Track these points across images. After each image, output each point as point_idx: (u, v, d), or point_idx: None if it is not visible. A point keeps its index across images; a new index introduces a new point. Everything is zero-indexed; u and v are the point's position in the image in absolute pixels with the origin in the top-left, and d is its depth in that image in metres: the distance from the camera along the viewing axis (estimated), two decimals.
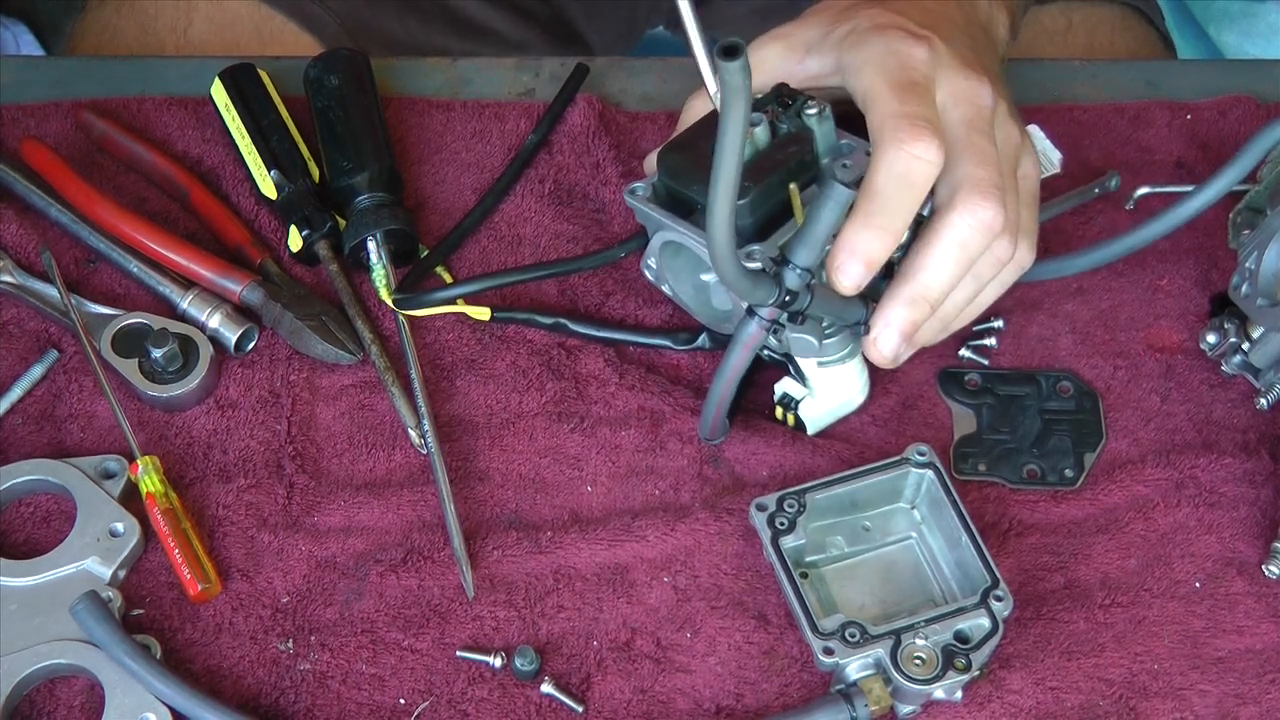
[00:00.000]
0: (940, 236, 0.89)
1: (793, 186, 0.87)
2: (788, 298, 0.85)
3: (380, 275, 1.00)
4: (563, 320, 0.99)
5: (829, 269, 0.87)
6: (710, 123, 0.92)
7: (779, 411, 0.96)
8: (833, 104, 0.91)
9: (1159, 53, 1.33)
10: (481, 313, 1.00)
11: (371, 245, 1.01)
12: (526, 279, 1.01)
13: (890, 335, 0.90)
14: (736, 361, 0.89)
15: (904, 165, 0.86)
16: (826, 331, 0.91)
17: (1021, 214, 0.93)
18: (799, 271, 0.84)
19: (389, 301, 1.00)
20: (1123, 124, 1.11)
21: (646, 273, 0.96)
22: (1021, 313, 1.03)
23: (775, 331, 0.88)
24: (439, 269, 1.03)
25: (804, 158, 0.89)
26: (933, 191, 0.89)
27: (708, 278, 0.96)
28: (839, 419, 0.98)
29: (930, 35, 0.91)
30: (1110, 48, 1.29)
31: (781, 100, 0.91)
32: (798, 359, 0.93)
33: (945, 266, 0.89)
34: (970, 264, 0.90)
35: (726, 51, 0.71)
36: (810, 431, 0.96)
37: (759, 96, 0.92)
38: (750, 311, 0.86)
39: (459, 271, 1.04)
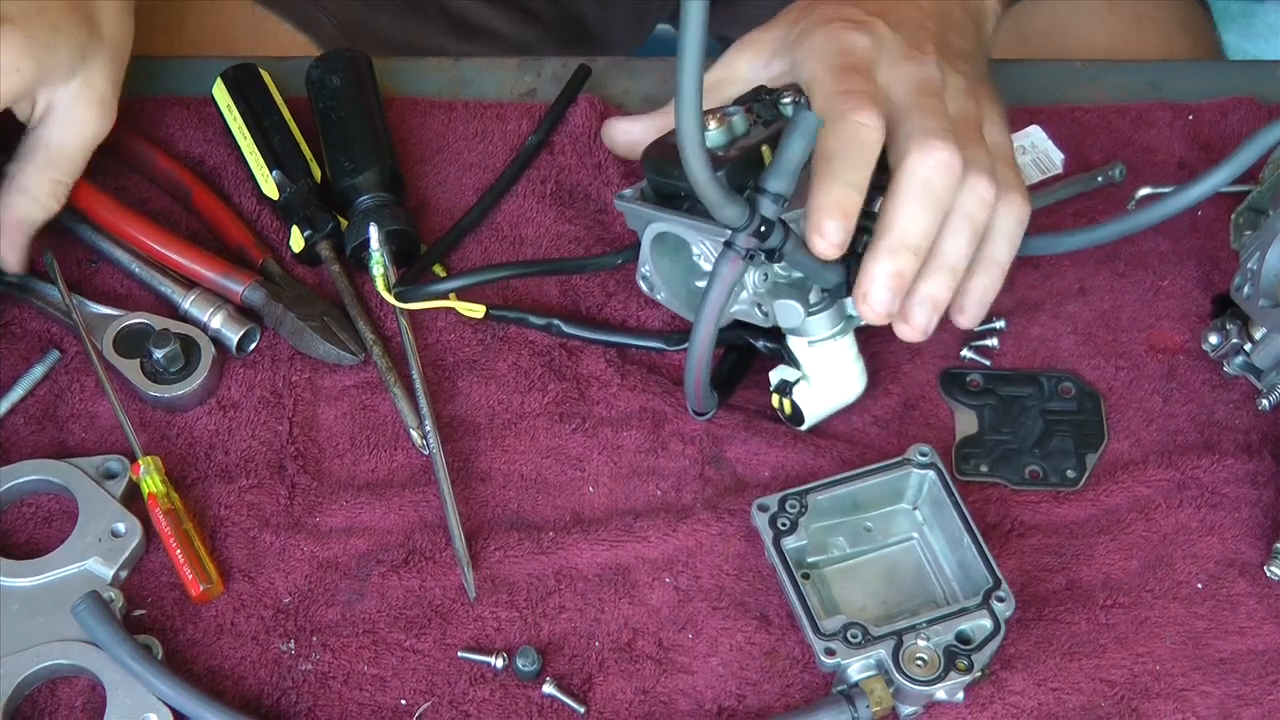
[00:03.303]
0: (901, 182, 0.89)
1: (764, 147, 0.89)
2: (762, 227, 0.84)
3: (378, 261, 1.00)
4: (556, 321, 0.99)
5: (810, 239, 0.88)
6: None
7: (775, 399, 0.96)
8: None
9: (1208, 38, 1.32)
10: (476, 310, 1.00)
11: (373, 230, 1.00)
12: (523, 274, 1.01)
13: (879, 289, 0.89)
14: (715, 298, 0.87)
15: (849, 131, 0.88)
16: (812, 305, 0.91)
17: (998, 169, 0.92)
18: (771, 197, 0.84)
19: (384, 293, 0.99)
20: (1124, 125, 1.11)
21: (641, 283, 0.96)
22: (1023, 314, 1.03)
23: (752, 259, 0.86)
24: (436, 267, 1.03)
25: (778, 136, 0.90)
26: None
27: (701, 284, 0.95)
28: (836, 411, 0.97)
29: (873, 21, 0.93)
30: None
31: (758, 97, 0.93)
32: (788, 340, 0.94)
33: (914, 210, 0.89)
34: (941, 205, 0.89)
35: None
36: (807, 422, 0.96)
37: (740, 95, 0.94)
38: (728, 244, 0.86)
39: (451, 268, 1.04)
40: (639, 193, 0.95)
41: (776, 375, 0.96)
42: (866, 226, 0.90)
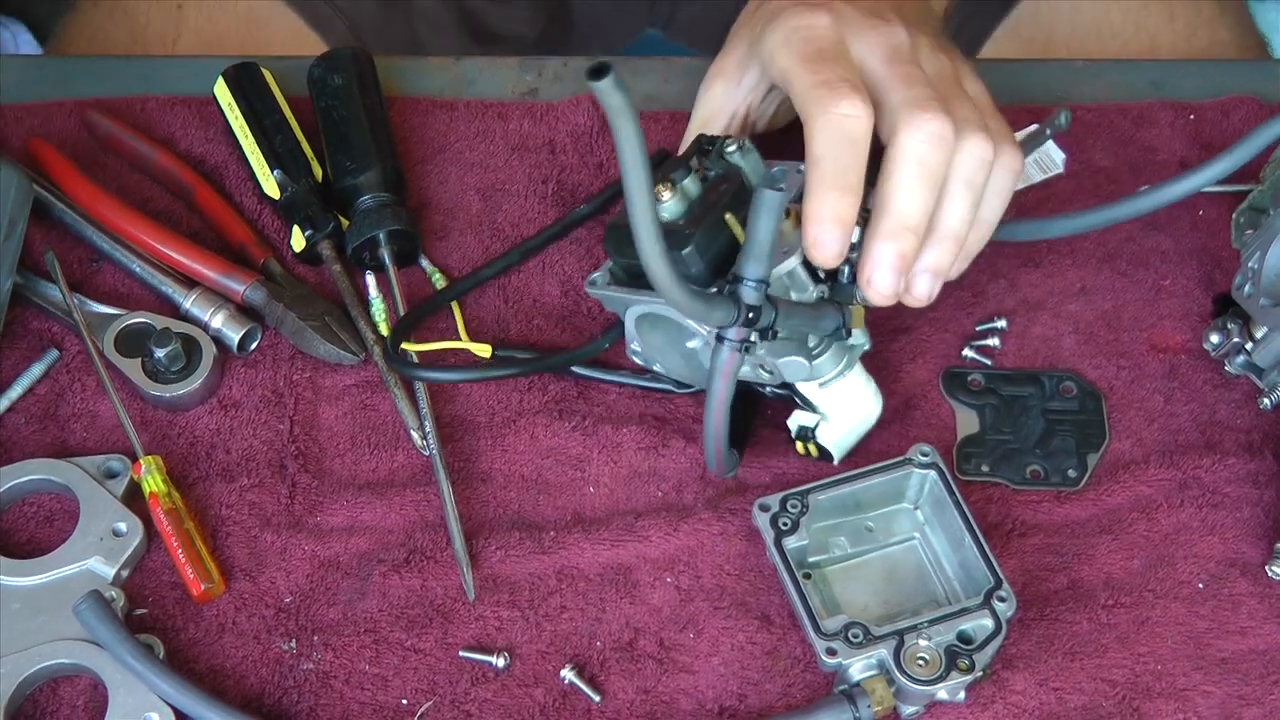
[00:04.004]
0: (895, 162, 0.87)
1: (729, 216, 0.87)
2: (750, 314, 0.83)
3: (379, 309, 1.01)
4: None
5: (807, 249, 0.87)
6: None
7: (800, 446, 0.94)
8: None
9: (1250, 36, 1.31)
10: (483, 349, 0.99)
11: (371, 280, 1.01)
12: (519, 373, 0.99)
13: (883, 273, 0.88)
14: (719, 392, 0.86)
15: (836, 126, 0.86)
16: (814, 351, 0.90)
17: (987, 120, 0.91)
18: (752, 284, 0.82)
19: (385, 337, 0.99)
20: (1126, 124, 1.11)
21: (634, 358, 0.96)
22: (1024, 313, 1.03)
23: (748, 349, 0.86)
24: (436, 276, 1.03)
25: (737, 192, 0.89)
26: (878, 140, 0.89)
27: (693, 344, 0.94)
28: (862, 437, 0.96)
29: (829, 1, 0.92)
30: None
31: (702, 150, 0.91)
32: (798, 386, 0.93)
33: (911, 189, 0.87)
34: (937, 178, 0.88)
35: (593, 73, 0.68)
36: (837, 458, 0.94)
37: (680, 153, 0.92)
38: (719, 338, 0.85)
39: (452, 269, 1.04)
40: (608, 275, 0.94)
41: (794, 422, 0.94)
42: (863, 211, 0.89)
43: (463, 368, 0.99)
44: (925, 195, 0.88)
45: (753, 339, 0.85)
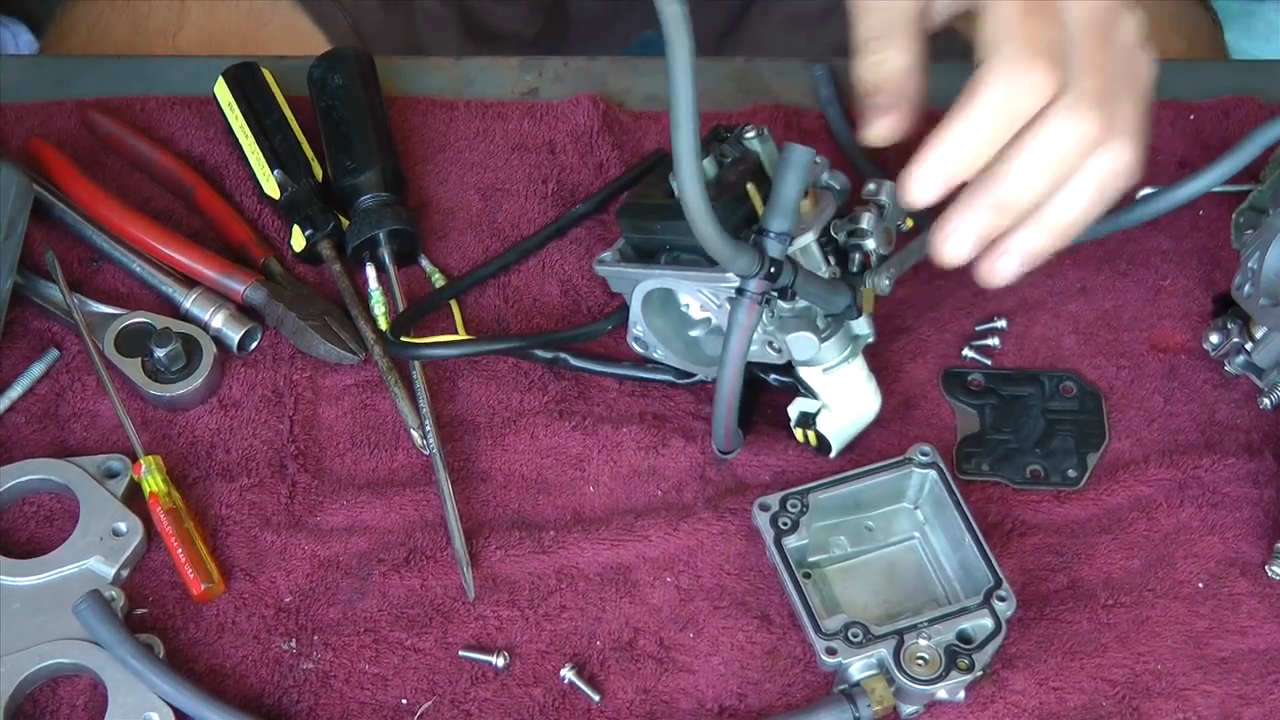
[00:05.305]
0: (1036, 141, 0.82)
1: (750, 186, 0.88)
2: (772, 268, 0.83)
3: (379, 302, 1.01)
4: (563, 355, 0.99)
5: (902, 185, 0.84)
6: (660, 170, 0.94)
7: (799, 433, 0.95)
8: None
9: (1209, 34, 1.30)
10: None
11: (371, 272, 1.01)
12: (518, 347, 0.99)
13: (964, 238, 0.84)
14: (736, 348, 0.86)
15: (1008, 97, 0.81)
16: (822, 332, 0.91)
17: (1138, 106, 0.85)
18: (776, 236, 0.83)
19: (386, 331, 0.99)
20: None
21: (635, 345, 0.96)
22: (1024, 313, 1.03)
23: (767, 303, 0.85)
24: (435, 274, 1.03)
25: (754, 174, 0.90)
26: None
27: (696, 333, 0.95)
28: (860, 431, 0.96)
29: None
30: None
31: (719, 137, 0.92)
32: (801, 372, 0.93)
33: (1039, 176, 0.83)
34: (1067, 175, 0.83)
35: None
36: (835, 449, 0.95)
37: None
38: (739, 291, 0.85)
39: (452, 268, 1.04)
40: (618, 254, 0.95)
41: (796, 409, 0.94)
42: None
43: (461, 342, 0.99)
44: (1048, 186, 0.84)
45: (772, 294, 0.85)
